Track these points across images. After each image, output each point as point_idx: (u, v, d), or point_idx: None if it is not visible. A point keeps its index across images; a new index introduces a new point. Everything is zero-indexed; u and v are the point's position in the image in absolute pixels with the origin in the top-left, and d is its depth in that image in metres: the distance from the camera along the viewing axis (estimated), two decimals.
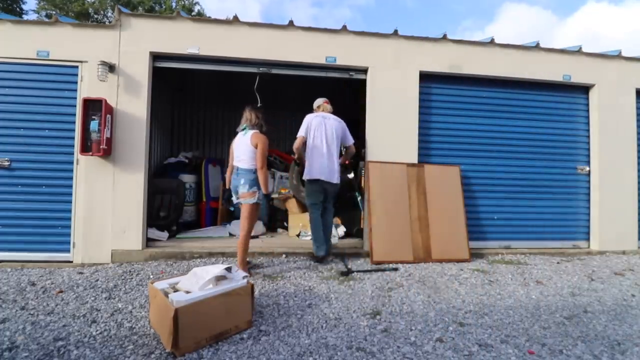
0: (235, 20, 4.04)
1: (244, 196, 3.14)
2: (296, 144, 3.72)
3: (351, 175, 5.31)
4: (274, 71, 4.22)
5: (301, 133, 3.72)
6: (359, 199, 4.76)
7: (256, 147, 3.12)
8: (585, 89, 4.81)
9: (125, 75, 3.82)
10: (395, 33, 4.26)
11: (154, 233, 4.21)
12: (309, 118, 3.77)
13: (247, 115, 3.27)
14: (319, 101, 3.98)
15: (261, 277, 3.24)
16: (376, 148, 4.19)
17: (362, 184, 4.48)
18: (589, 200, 4.75)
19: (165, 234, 4.35)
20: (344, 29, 4.19)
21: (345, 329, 2.27)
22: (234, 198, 3.27)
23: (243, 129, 3.24)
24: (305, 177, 3.75)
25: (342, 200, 5.14)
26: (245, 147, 3.15)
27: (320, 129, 3.72)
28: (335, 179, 3.74)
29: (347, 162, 5.51)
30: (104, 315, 2.43)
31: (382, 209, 3.95)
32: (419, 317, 2.47)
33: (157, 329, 2.12)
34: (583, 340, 2.21)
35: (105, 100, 3.63)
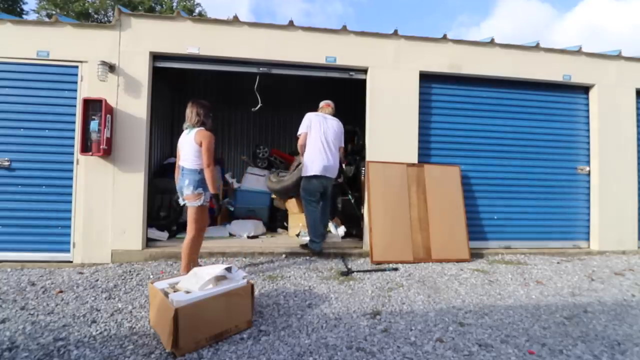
0: (235, 20, 4.04)
1: (189, 198, 2.92)
2: (301, 141, 3.86)
3: (340, 179, 5.33)
4: (274, 71, 4.22)
5: (303, 130, 3.85)
6: (352, 201, 4.76)
7: (201, 145, 2.88)
8: (585, 89, 4.81)
9: (125, 75, 3.82)
10: (395, 33, 4.26)
11: (154, 233, 4.21)
12: (309, 116, 3.90)
13: (187, 113, 2.98)
14: (321, 103, 4.11)
15: (261, 277, 3.24)
16: (376, 148, 4.19)
17: (362, 185, 4.48)
18: (589, 200, 4.75)
19: (165, 234, 4.35)
20: (344, 29, 4.18)
21: (345, 329, 2.27)
22: (180, 200, 3.04)
23: (187, 128, 3.01)
24: (305, 173, 3.80)
25: (342, 201, 5.15)
26: (189, 146, 2.92)
27: (321, 127, 3.84)
28: (335, 175, 3.96)
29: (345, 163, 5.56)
30: (104, 315, 2.43)
31: (382, 209, 3.95)
32: (419, 317, 2.47)
33: (157, 329, 2.12)
34: (583, 340, 2.21)
35: (105, 100, 3.63)
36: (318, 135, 3.80)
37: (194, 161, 2.93)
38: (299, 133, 3.89)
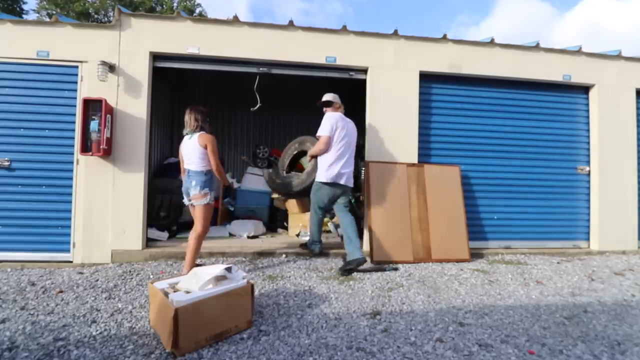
0: (235, 20, 4.04)
1: (196, 198, 3.08)
2: (322, 145, 3.43)
3: None
4: (274, 71, 4.22)
5: (326, 132, 3.43)
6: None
7: (205, 147, 3.08)
8: (585, 89, 4.81)
9: (125, 75, 3.82)
10: (395, 33, 4.26)
11: (154, 233, 4.21)
12: (333, 117, 3.50)
13: (186, 119, 3.16)
14: (337, 98, 3.70)
15: (261, 277, 3.24)
16: (376, 148, 4.19)
17: (362, 185, 4.47)
18: (589, 200, 4.75)
19: (165, 234, 4.35)
20: (344, 29, 4.18)
21: (345, 329, 2.27)
22: (185, 200, 3.22)
23: (187, 133, 3.18)
24: (322, 179, 3.46)
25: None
26: (194, 149, 3.09)
27: (344, 130, 3.50)
28: (352, 183, 3.68)
29: None
30: (104, 315, 2.43)
31: (382, 209, 3.95)
32: (419, 317, 2.47)
33: (157, 329, 2.12)
34: (583, 340, 2.21)
35: (105, 100, 3.63)
36: (343, 140, 3.45)
37: (199, 163, 3.10)
38: (321, 134, 3.46)
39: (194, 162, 3.09)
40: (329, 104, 3.67)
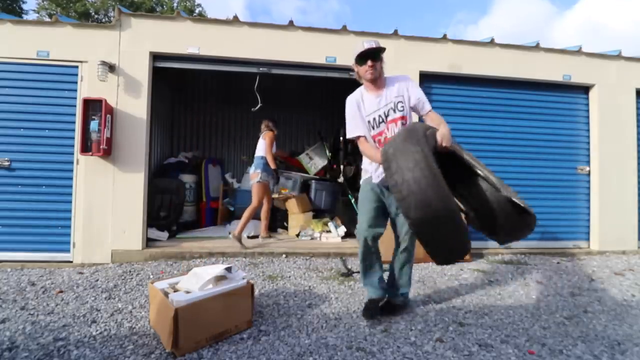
0: (235, 20, 4.04)
1: (252, 177, 4.30)
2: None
3: (340, 180, 5.29)
4: (274, 71, 4.22)
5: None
6: (352, 200, 4.75)
7: (265, 139, 4.39)
8: (585, 89, 4.81)
9: (125, 75, 3.82)
10: (395, 33, 4.26)
11: (154, 233, 4.21)
12: None
13: (262, 126, 4.61)
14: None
15: (261, 277, 3.24)
16: None
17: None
18: (589, 200, 4.74)
19: (165, 234, 4.35)
20: (344, 28, 4.18)
21: (345, 329, 2.27)
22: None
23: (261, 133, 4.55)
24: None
25: (342, 201, 5.15)
26: (260, 142, 4.47)
27: None
28: None
29: (334, 166, 5.48)
30: (104, 315, 2.43)
31: None
32: (419, 317, 2.47)
33: (157, 329, 2.12)
34: (583, 340, 2.20)
35: (105, 100, 3.63)
36: None
37: (260, 151, 4.38)
38: (431, 108, 2.32)
39: (258, 150, 4.41)
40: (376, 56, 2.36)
